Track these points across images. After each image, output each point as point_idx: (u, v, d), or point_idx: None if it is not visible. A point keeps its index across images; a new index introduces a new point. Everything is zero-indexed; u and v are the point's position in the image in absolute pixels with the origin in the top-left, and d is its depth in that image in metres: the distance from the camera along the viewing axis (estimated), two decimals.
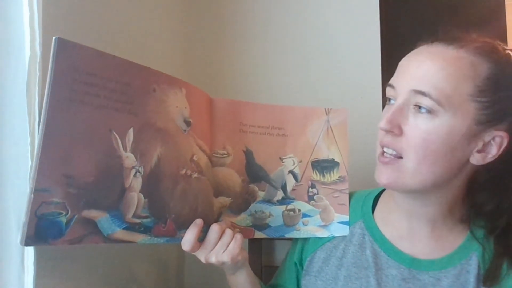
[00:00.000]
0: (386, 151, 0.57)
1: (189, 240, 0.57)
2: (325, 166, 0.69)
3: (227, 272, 0.67)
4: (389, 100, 0.59)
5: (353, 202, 0.70)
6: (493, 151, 0.55)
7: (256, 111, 0.67)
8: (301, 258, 0.71)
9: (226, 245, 0.60)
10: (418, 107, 0.54)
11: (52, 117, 0.45)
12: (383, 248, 0.64)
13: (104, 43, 0.51)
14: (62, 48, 0.46)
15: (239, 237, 0.61)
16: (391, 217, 0.65)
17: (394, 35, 1.04)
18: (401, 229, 0.63)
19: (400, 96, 0.56)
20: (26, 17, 0.52)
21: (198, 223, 0.58)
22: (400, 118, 0.55)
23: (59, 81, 0.46)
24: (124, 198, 0.52)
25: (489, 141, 0.55)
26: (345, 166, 0.70)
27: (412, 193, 0.59)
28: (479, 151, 0.55)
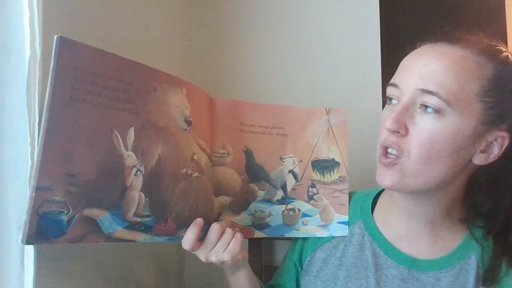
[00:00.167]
0: (390, 151, 0.56)
1: (189, 239, 0.57)
2: (325, 166, 0.70)
3: (227, 271, 0.67)
4: (390, 99, 0.58)
5: (352, 202, 0.70)
6: (495, 151, 0.55)
7: (256, 110, 0.68)
8: (300, 258, 0.71)
9: (226, 244, 0.60)
10: (424, 106, 0.53)
11: (53, 116, 0.45)
12: (382, 248, 0.64)
13: (104, 43, 0.51)
14: (63, 46, 0.46)
15: (239, 236, 0.61)
16: (390, 217, 0.65)
17: (394, 35, 1.04)
18: (401, 229, 0.63)
19: (405, 95, 0.54)
20: (26, 17, 0.52)
21: (199, 222, 0.58)
22: (406, 118, 0.54)
23: (60, 79, 0.46)
24: (125, 197, 0.52)
25: (491, 141, 0.55)
26: (345, 166, 0.70)
27: (413, 193, 0.59)
28: (482, 151, 0.55)
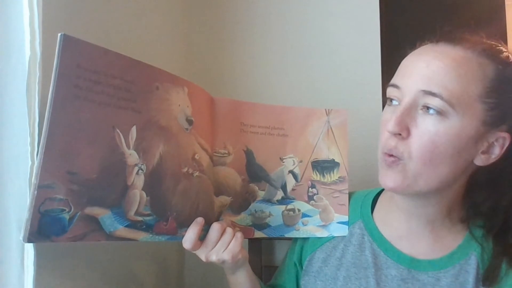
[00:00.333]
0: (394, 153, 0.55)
1: (190, 239, 0.57)
2: (325, 166, 0.70)
3: (227, 271, 0.67)
4: (390, 100, 0.57)
5: (352, 202, 0.70)
6: (496, 152, 0.55)
7: (256, 111, 0.68)
8: (300, 258, 0.71)
9: (226, 244, 0.60)
10: (426, 108, 0.52)
11: (56, 114, 0.45)
12: (382, 248, 0.64)
13: (104, 43, 0.50)
14: (67, 45, 0.46)
15: (239, 236, 0.61)
16: (390, 217, 0.65)
17: (394, 35, 1.04)
18: (401, 229, 0.63)
19: (407, 97, 0.54)
20: (26, 17, 0.51)
21: (199, 221, 0.58)
22: (408, 119, 0.53)
23: (63, 77, 0.46)
24: (126, 196, 0.52)
25: (492, 142, 0.55)
26: (345, 166, 0.70)
27: (414, 194, 0.58)
28: (483, 152, 0.55)
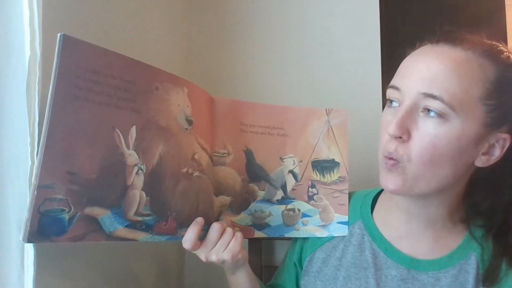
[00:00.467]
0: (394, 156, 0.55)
1: (190, 239, 0.57)
2: (325, 166, 0.70)
3: (227, 271, 0.67)
4: (390, 102, 0.57)
5: (352, 202, 0.70)
6: (497, 153, 0.55)
7: (256, 111, 0.68)
8: (300, 258, 0.71)
9: (226, 244, 0.60)
10: (427, 110, 0.52)
11: (56, 114, 0.45)
12: (382, 248, 0.63)
13: (104, 43, 0.50)
14: (67, 45, 0.46)
15: (239, 235, 0.61)
16: (390, 217, 0.65)
17: (394, 35, 1.04)
18: (400, 229, 0.63)
19: (407, 99, 0.53)
20: (26, 17, 0.51)
21: (199, 221, 0.58)
22: (409, 122, 0.53)
23: (63, 77, 0.46)
24: (126, 196, 0.52)
25: (493, 144, 0.54)
26: (345, 166, 0.70)
27: (415, 196, 0.58)
28: (484, 153, 0.55)
